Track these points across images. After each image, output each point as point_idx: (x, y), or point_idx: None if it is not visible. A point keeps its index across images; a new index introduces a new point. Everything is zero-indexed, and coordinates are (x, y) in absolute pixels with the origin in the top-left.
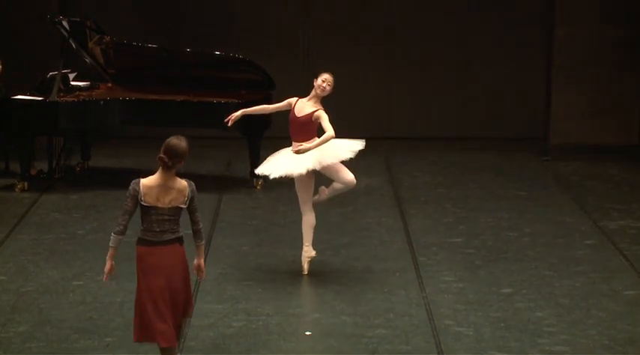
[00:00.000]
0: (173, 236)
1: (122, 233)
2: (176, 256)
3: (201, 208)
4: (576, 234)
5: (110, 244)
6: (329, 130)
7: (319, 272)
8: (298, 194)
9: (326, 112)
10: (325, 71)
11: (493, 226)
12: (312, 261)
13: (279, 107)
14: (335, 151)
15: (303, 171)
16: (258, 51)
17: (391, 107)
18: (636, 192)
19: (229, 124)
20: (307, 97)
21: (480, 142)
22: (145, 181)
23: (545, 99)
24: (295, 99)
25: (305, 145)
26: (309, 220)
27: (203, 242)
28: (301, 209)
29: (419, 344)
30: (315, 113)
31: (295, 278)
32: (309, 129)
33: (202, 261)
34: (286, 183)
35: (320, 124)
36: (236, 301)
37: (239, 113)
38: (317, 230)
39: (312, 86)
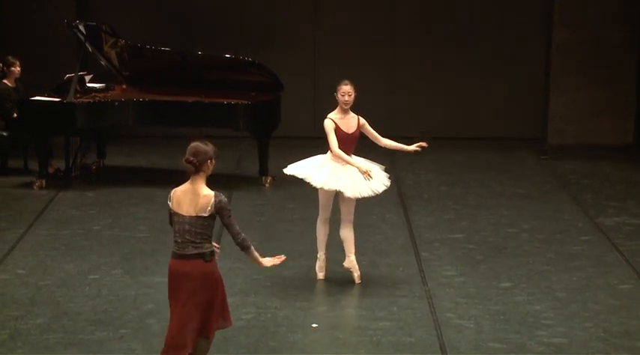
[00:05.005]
0: (195, 251)
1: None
2: (198, 272)
3: None
4: (573, 230)
5: None
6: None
7: (326, 268)
8: (320, 198)
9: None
10: (343, 82)
11: (493, 223)
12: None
13: (335, 139)
14: (372, 184)
15: (340, 190)
16: (267, 53)
17: (394, 108)
18: (631, 190)
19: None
20: (336, 112)
21: (481, 142)
22: (176, 188)
23: (544, 100)
24: (331, 121)
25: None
26: (323, 230)
27: (251, 249)
28: (319, 213)
29: (421, 336)
30: (360, 122)
31: (302, 272)
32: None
33: (262, 261)
34: (294, 181)
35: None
36: (245, 294)
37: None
38: None
39: (335, 98)
